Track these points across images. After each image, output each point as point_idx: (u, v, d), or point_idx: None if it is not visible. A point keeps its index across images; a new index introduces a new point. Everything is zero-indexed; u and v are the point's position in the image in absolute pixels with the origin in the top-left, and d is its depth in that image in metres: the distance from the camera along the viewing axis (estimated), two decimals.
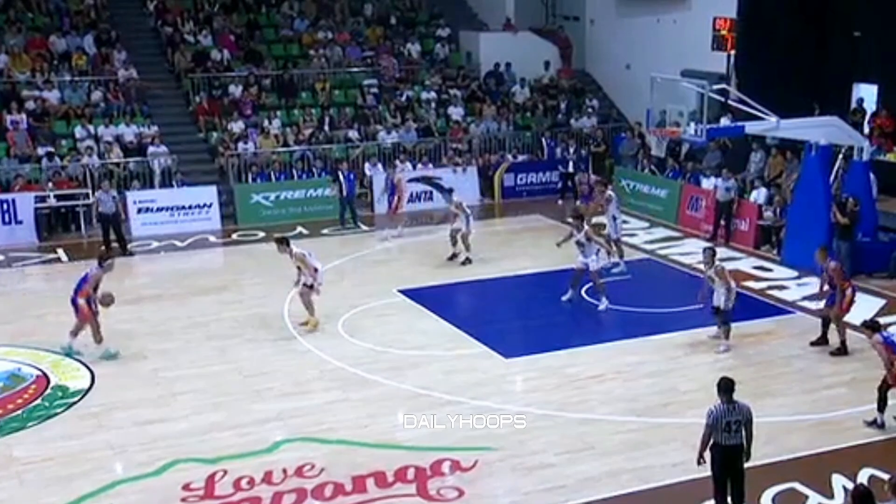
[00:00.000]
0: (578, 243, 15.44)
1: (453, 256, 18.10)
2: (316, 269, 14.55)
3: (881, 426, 11.10)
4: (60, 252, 19.41)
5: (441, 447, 10.81)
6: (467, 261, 17.88)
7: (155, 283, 17.29)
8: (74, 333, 13.63)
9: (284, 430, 11.38)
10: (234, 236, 20.65)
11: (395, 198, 20.63)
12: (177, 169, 21.96)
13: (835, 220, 16.78)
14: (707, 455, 9.07)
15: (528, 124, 25.88)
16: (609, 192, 18.37)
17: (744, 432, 8.95)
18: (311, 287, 14.51)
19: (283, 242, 14.69)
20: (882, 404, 11.11)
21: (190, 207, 21.10)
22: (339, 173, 21.16)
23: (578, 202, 21.20)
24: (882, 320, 14.54)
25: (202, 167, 23.08)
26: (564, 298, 15.55)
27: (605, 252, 16.26)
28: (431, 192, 22.97)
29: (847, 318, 14.49)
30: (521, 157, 24.50)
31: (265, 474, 10.29)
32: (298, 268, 14.63)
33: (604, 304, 15.32)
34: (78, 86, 23.79)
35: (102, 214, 19.13)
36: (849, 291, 13.62)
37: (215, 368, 13.27)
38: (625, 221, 20.76)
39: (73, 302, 13.62)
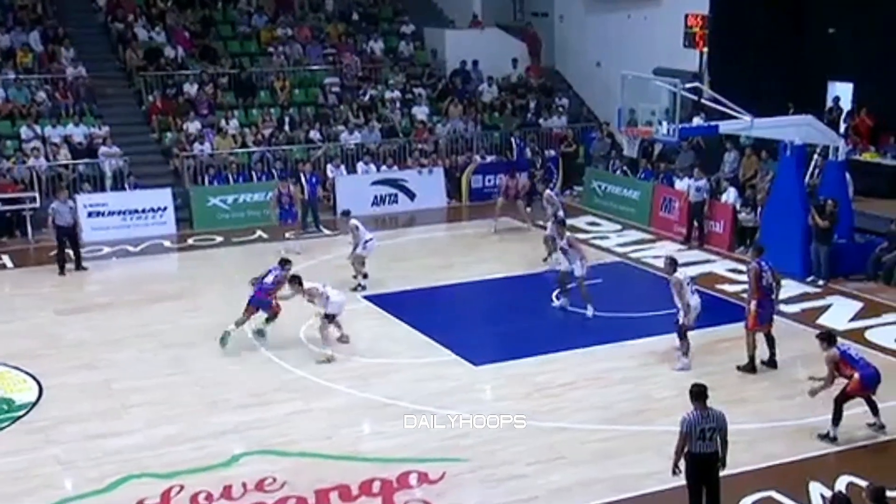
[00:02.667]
0: (562, 250, 15.54)
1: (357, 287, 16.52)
2: (328, 298, 13.84)
3: (833, 439, 11.11)
4: (6, 258, 19.17)
5: (408, 458, 10.80)
6: (359, 287, 16.56)
7: (107, 291, 17.14)
8: (240, 323, 14.19)
9: (243, 442, 11.30)
10: (191, 241, 20.51)
11: (295, 209, 19.86)
12: (129, 171, 21.79)
13: (813, 224, 16.98)
14: (682, 464, 9.14)
15: (496, 124, 25.95)
16: (549, 192, 18.67)
17: (718, 440, 9.03)
18: (328, 317, 13.89)
19: (296, 282, 13.96)
20: (837, 417, 11.09)
21: (143, 211, 20.94)
22: (302, 175, 21.09)
23: (500, 198, 21.26)
24: (860, 323, 14.93)
25: (156, 169, 22.91)
26: (557, 304, 15.59)
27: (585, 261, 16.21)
28: (396, 195, 22.98)
29: (831, 323, 14.73)
30: (489, 158, 24.56)
31: (224, 489, 10.21)
32: (311, 301, 14.08)
33: (590, 311, 15.37)
34: (23, 84, 23.51)
35: (59, 227, 18.00)
36: (752, 304, 13.13)
37: (170, 379, 13.17)
38: (593, 224, 20.94)
39: (261, 301, 14.16)
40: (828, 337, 11.34)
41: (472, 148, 24.88)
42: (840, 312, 15.56)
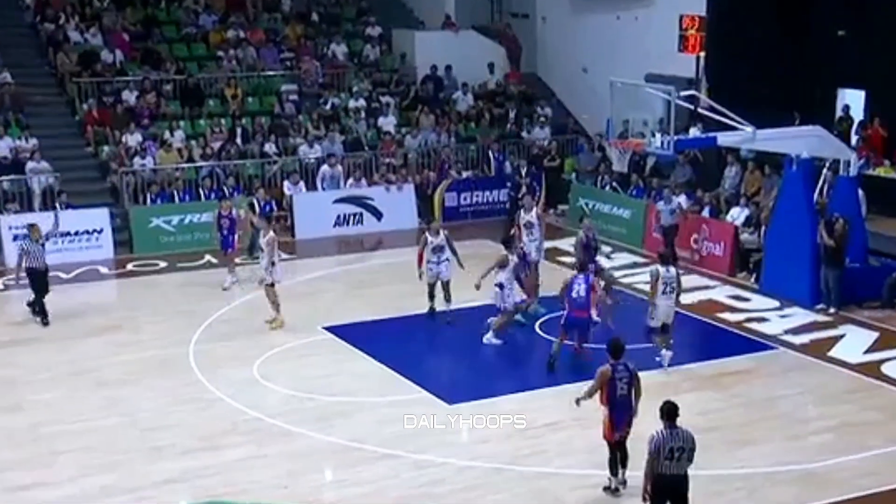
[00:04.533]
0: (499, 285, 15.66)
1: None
2: (273, 264, 16.16)
3: (615, 490, 10.88)
4: None
5: None
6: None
7: (34, 323, 16.92)
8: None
9: (189, 492, 11.21)
10: (130, 266, 20.41)
11: (234, 236, 18.84)
12: (61, 188, 21.65)
13: (821, 241, 17.11)
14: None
15: (472, 136, 26.05)
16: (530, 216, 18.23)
17: (686, 461, 9.38)
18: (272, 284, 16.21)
19: (271, 222, 16.74)
20: (614, 462, 10.86)
21: (77, 234, 20.79)
22: (256, 200, 20.92)
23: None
24: (876, 356, 15.07)
25: (91, 186, 22.80)
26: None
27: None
28: (361, 215, 22.98)
29: (843, 356, 14.81)
30: (464, 174, 24.65)
31: None
32: (261, 249, 16.15)
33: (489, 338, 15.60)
34: None
35: (33, 270, 16.79)
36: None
37: (107, 422, 13.07)
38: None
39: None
40: (613, 349, 10.89)
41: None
42: (854, 343, 15.68)
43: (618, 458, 10.86)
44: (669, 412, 9.50)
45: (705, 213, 20.64)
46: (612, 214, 22.41)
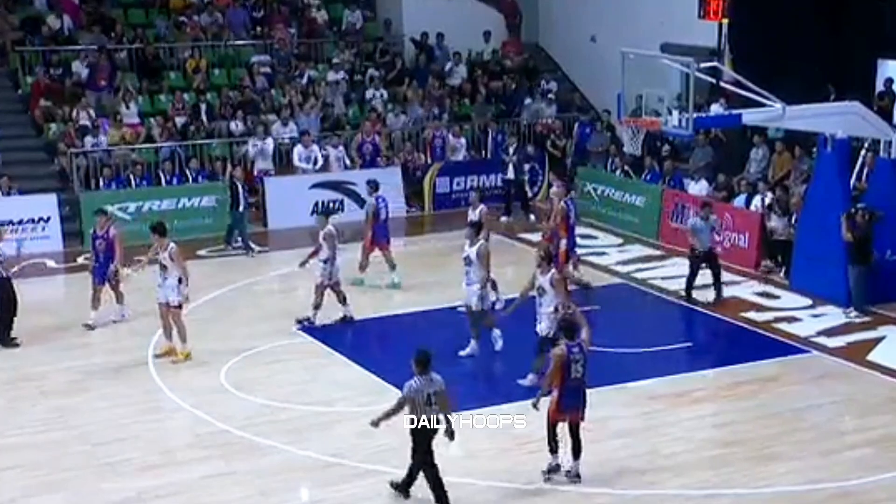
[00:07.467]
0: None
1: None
2: (180, 280, 15.24)
3: (576, 476, 11.50)
4: None
5: None
6: (307, 321, 16.57)
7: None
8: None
9: None
10: (81, 260, 20.35)
11: (113, 263, 16.93)
12: (2, 172, 21.63)
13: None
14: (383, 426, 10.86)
15: (466, 113, 26.04)
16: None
17: (438, 407, 10.79)
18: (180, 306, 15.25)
19: (161, 231, 15.37)
20: (555, 444, 11.61)
21: (21, 223, 20.82)
22: (236, 182, 20.82)
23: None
24: None
25: (37, 170, 22.85)
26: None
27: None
28: (341, 202, 22.97)
29: (884, 360, 14.93)
30: (459, 156, 24.63)
31: None
32: (163, 267, 15.20)
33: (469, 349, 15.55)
34: None
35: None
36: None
37: (53, 435, 13.06)
38: (588, 237, 20.97)
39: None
40: (554, 339, 11.45)
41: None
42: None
43: (556, 436, 11.53)
44: (423, 362, 10.88)
45: (740, 201, 20.47)
46: (623, 202, 22.46)
